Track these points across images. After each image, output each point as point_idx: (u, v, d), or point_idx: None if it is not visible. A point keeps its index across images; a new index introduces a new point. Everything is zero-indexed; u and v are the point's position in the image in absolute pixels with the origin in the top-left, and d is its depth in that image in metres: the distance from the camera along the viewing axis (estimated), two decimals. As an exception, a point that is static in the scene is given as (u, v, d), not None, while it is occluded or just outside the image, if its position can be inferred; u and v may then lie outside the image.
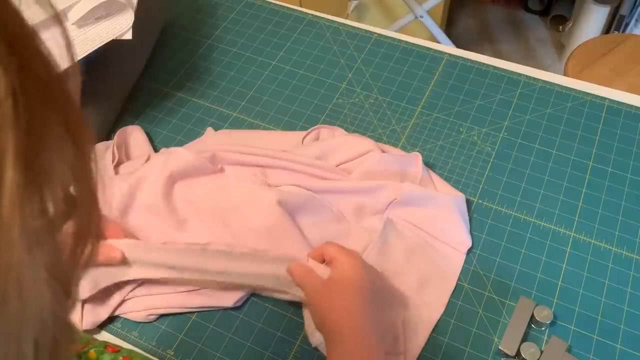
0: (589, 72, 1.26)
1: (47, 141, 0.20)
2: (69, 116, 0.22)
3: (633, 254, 0.63)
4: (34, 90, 0.20)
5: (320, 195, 0.66)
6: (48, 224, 0.21)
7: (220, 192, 0.66)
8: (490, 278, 0.61)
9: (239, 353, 0.57)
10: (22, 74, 0.19)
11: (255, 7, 0.92)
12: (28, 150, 0.19)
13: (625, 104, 0.76)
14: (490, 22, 2.16)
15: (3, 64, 0.18)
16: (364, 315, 0.50)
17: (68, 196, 0.22)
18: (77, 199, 0.23)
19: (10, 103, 0.18)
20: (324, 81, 0.81)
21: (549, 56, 2.03)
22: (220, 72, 0.83)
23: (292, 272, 0.54)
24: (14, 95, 0.18)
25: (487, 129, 0.74)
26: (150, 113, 0.78)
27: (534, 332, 0.58)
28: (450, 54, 0.83)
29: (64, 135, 0.21)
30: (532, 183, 0.69)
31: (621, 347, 0.56)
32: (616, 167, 0.70)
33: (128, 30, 0.65)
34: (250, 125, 0.77)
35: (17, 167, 0.18)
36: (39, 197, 0.20)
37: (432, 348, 0.57)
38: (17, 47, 0.19)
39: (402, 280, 0.60)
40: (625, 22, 1.77)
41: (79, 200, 0.23)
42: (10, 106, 0.18)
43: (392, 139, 0.74)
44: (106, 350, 0.52)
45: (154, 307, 0.59)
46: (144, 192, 0.64)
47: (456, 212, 0.63)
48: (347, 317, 0.49)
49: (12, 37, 0.19)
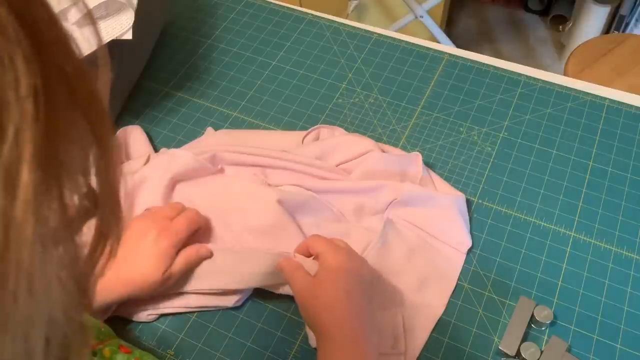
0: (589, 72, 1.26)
1: (68, 137, 0.20)
2: (92, 111, 0.21)
3: (633, 254, 0.63)
4: (57, 85, 0.19)
5: (320, 195, 0.66)
6: (67, 222, 0.21)
7: (220, 192, 0.66)
8: (490, 278, 0.61)
9: (239, 353, 0.57)
10: (45, 68, 0.18)
11: (255, 7, 0.92)
12: (47, 147, 0.18)
13: (625, 104, 0.76)
14: (490, 22, 2.16)
15: (26, 58, 0.18)
16: (352, 313, 0.49)
17: (90, 193, 0.22)
18: (99, 197, 0.22)
19: (31, 100, 0.18)
20: (324, 81, 0.81)
21: (549, 56, 2.03)
22: (220, 72, 0.83)
23: (281, 269, 0.54)
24: (35, 91, 0.18)
25: (487, 129, 0.74)
26: (150, 113, 0.78)
27: (534, 332, 0.58)
28: (450, 54, 0.83)
29: (86, 131, 0.21)
30: (532, 183, 0.69)
31: (621, 347, 0.56)
32: (616, 167, 0.70)
33: (128, 30, 0.65)
34: (250, 125, 0.77)
35: (34, 166, 0.18)
36: (58, 195, 0.20)
37: (432, 348, 0.57)
38: (41, 41, 0.19)
39: (402, 280, 0.60)
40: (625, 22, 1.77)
41: (101, 197, 0.23)
42: (31, 103, 0.18)
43: (392, 139, 0.74)
44: (120, 350, 0.52)
45: (154, 307, 0.59)
46: (145, 194, 0.64)
47: (456, 212, 0.63)
48: (334, 315, 0.49)
49: (36, 31, 0.19)
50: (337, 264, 0.51)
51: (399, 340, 0.56)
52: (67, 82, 0.20)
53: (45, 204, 0.19)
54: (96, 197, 0.22)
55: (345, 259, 0.52)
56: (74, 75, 0.20)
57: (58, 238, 0.20)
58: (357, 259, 0.54)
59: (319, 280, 0.51)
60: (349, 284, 0.50)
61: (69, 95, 0.20)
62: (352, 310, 0.49)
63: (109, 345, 0.52)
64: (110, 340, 0.53)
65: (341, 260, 0.51)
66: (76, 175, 0.21)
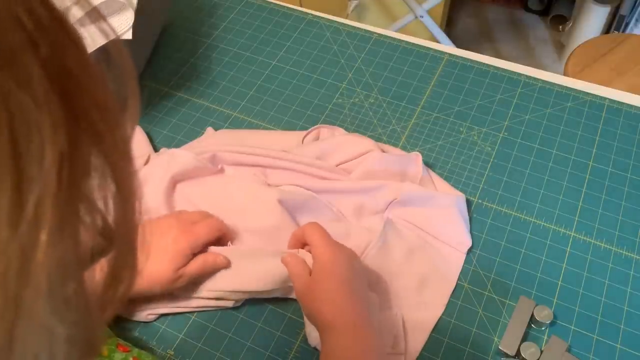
0: (589, 72, 1.26)
1: (88, 178, 0.19)
2: (116, 157, 0.20)
3: (633, 254, 0.63)
4: (85, 143, 0.18)
5: (320, 195, 0.66)
6: (80, 261, 0.20)
7: (221, 193, 0.66)
8: (490, 278, 0.61)
9: (239, 353, 0.57)
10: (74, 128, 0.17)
11: (255, 7, 0.92)
12: (66, 204, 0.17)
13: (625, 104, 0.76)
14: (490, 22, 2.16)
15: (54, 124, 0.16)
16: (351, 301, 0.50)
17: (106, 230, 0.21)
18: (115, 234, 0.21)
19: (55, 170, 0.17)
20: (324, 81, 0.81)
21: (549, 56, 2.03)
22: (220, 72, 0.83)
23: (287, 263, 0.55)
24: (60, 159, 0.17)
25: (487, 129, 0.74)
26: (150, 113, 0.78)
27: (534, 332, 0.58)
28: (450, 54, 0.83)
29: (106, 173, 0.20)
30: (532, 183, 0.69)
31: (621, 347, 0.56)
32: (616, 167, 0.70)
33: (128, 30, 0.65)
34: (250, 125, 0.77)
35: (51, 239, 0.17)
36: (72, 234, 0.19)
37: (432, 348, 0.57)
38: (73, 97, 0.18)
39: (402, 280, 0.60)
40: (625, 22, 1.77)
41: (117, 236, 0.21)
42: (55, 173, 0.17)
43: (392, 139, 0.74)
44: (117, 349, 0.52)
45: (154, 307, 0.59)
46: (145, 194, 0.64)
47: (456, 212, 0.63)
48: (334, 305, 0.49)
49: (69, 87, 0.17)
50: (329, 258, 0.52)
51: (399, 340, 0.56)
52: (94, 129, 0.19)
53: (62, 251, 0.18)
54: (112, 234, 0.21)
55: (336, 250, 0.53)
56: (103, 126, 0.19)
57: (70, 278, 0.19)
58: (346, 250, 0.54)
59: (316, 277, 0.52)
60: (343, 274, 0.51)
61: (93, 144, 0.19)
62: (351, 298, 0.50)
63: (107, 344, 0.52)
64: (108, 339, 0.53)
65: (333, 253, 0.52)
66: (92, 210, 0.20)
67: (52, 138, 0.17)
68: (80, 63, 0.19)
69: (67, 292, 0.19)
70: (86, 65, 0.19)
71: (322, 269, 0.51)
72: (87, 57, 0.19)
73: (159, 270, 0.55)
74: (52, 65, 0.17)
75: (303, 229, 0.56)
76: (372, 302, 0.54)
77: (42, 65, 0.16)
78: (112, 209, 0.21)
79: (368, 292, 0.54)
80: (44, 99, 0.16)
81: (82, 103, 0.18)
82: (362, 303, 0.51)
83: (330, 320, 0.49)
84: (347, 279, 0.51)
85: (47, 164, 0.16)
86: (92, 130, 0.19)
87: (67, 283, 0.19)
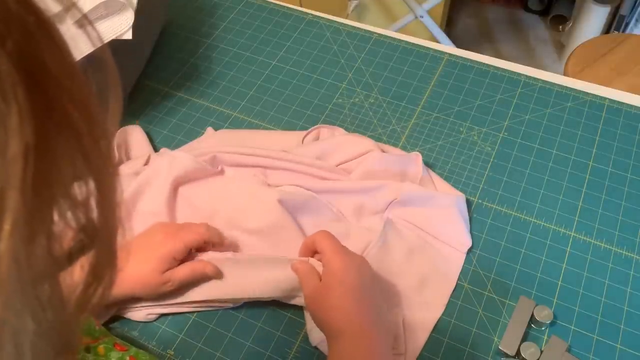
0: (589, 72, 1.26)
1: (63, 172, 0.19)
2: (87, 144, 0.20)
3: (633, 254, 0.63)
4: (58, 132, 0.18)
5: (320, 195, 0.66)
6: (55, 259, 0.20)
7: (221, 194, 0.66)
8: (490, 278, 0.61)
9: (239, 353, 0.57)
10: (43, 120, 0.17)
11: (255, 7, 0.92)
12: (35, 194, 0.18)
13: (625, 104, 0.76)
14: (490, 22, 2.16)
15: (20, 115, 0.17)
16: (360, 308, 0.50)
17: (89, 226, 0.21)
18: (96, 231, 0.21)
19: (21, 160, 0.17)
20: (324, 81, 0.81)
21: (549, 56, 2.03)
22: (220, 72, 0.83)
23: (296, 270, 0.55)
24: (25, 150, 0.17)
25: (487, 129, 0.74)
26: (150, 113, 0.78)
27: (534, 332, 0.58)
28: (450, 54, 0.83)
29: (84, 167, 0.20)
30: (532, 183, 0.69)
31: (621, 347, 0.56)
32: (616, 167, 0.70)
33: (128, 30, 0.65)
34: (250, 125, 0.77)
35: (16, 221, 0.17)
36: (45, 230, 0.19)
37: (432, 348, 0.57)
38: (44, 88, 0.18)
39: (402, 280, 0.60)
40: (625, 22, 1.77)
41: (99, 233, 0.21)
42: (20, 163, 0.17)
43: (392, 139, 0.74)
44: (114, 348, 0.52)
45: (154, 307, 0.59)
46: (147, 198, 0.64)
47: (456, 212, 0.63)
48: (343, 312, 0.49)
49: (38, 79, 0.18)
50: (340, 265, 0.52)
51: (399, 340, 0.56)
52: (71, 126, 0.19)
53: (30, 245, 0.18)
54: (95, 231, 0.21)
55: (346, 259, 0.52)
56: (82, 124, 0.19)
57: (43, 275, 0.19)
58: (357, 258, 0.54)
59: (326, 284, 0.52)
60: (353, 281, 0.51)
61: (70, 141, 0.19)
62: (360, 305, 0.50)
63: (103, 343, 0.52)
64: (105, 338, 0.53)
65: (343, 261, 0.52)
66: (71, 207, 0.20)
67: (18, 129, 0.17)
68: (58, 60, 0.19)
69: (39, 287, 0.19)
70: (65, 63, 0.19)
71: (333, 275, 0.51)
72: (66, 54, 0.19)
73: (142, 272, 0.55)
74: (21, 58, 0.17)
75: (313, 237, 0.56)
76: (383, 310, 0.54)
77: (10, 58, 0.17)
78: (94, 207, 0.21)
79: (379, 299, 0.54)
80: (11, 90, 0.17)
81: (59, 99, 0.19)
82: (372, 310, 0.51)
83: (339, 326, 0.49)
84: (357, 286, 0.51)
85: (10, 154, 0.17)
86: (68, 126, 0.19)
87: (38, 278, 0.19)
